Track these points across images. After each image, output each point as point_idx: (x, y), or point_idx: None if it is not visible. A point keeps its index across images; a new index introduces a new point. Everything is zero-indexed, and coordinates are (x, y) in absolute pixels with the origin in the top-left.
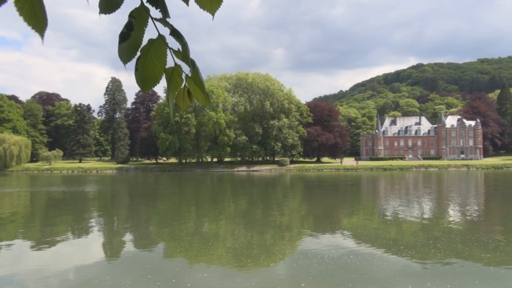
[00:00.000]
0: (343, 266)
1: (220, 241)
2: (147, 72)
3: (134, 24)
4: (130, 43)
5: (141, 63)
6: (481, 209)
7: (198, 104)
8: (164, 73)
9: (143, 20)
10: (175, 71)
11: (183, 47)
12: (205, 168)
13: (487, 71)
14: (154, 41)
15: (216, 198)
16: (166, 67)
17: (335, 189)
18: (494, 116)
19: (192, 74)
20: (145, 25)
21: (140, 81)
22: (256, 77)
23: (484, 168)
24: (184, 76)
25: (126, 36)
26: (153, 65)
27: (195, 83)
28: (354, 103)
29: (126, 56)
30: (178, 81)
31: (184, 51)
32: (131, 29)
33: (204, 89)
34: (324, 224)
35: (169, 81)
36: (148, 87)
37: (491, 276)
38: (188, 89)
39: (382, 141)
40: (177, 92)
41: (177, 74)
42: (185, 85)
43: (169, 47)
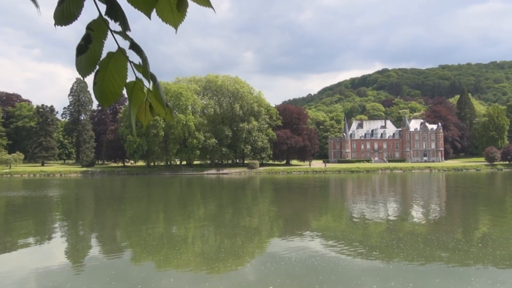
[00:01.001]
0: (310, 267)
1: (189, 245)
2: (107, 87)
3: (93, 36)
4: (88, 56)
5: (99, 77)
6: (443, 209)
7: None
8: (125, 87)
9: (102, 33)
10: (136, 85)
11: (143, 62)
12: (174, 171)
13: (448, 77)
14: (114, 54)
15: (185, 201)
16: (127, 81)
17: (304, 191)
18: (454, 120)
19: (152, 89)
20: (104, 38)
21: (99, 96)
22: (225, 80)
23: (445, 170)
24: (146, 90)
25: (84, 49)
26: (113, 79)
27: (156, 98)
28: (322, 106)
29: (85, 70)
30: (139, 95)
31: (144, 66)
32: (89, 41)
33: (164, 104)
34: (293, 226)
35: (130, 95)
36: (108, 102)
37: (451, 275)
38: (150, 103)
39: (350, 144)
40: (139, 106)
41: (138, 88)
42: (146, 100)
43: (129, 60)
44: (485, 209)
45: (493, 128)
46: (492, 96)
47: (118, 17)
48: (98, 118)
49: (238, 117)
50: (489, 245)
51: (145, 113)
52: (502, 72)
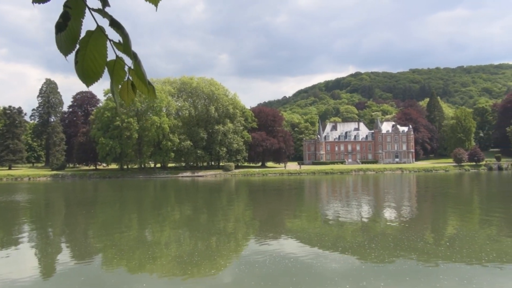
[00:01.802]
0: (284, 269)
1: (163, 249)
2: (88, 66)
3: (70, 14)
4: (68, 34)
5: (80, 56)
6: (413, 210)
7: (141, 108)
8: (106, 66)
9: (79, 11)
10: (117, 64)
11: (124, 39)
12: (148, 174)
13: (418, 80)
14: (93, 32)
15: (159, 205)
16: (108, 60)
17: (279, 193)
18: (424, 123)
19: (134, 67)
20: (82, 16)
21: (81, 75)
22: (201, 82)
23: (416, 171)
24: (127, 68)
25: (63, 26)
26: (94, 58)
27: (137, 76)
28: (297, 109)
29: (66, 48)
30: (121, 74)
31: (125, 42)
32: (67, 19)
33: (146, 83)
34: (268, 229)
35: (112, 74)
36: (90, 81)
37: (420, 273)
38: (132, 82)
39: (324, 146)
40: (121, 85)
41: (119, 67)
42: (128, 78)
43: (109, 39)
44: (454, 209)
45: (461, 130)
46: (460, 100)
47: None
48: (69, 120)
49: (213, 119)
50: (456, 244)
51: (127, 91)
52: (469, 76)
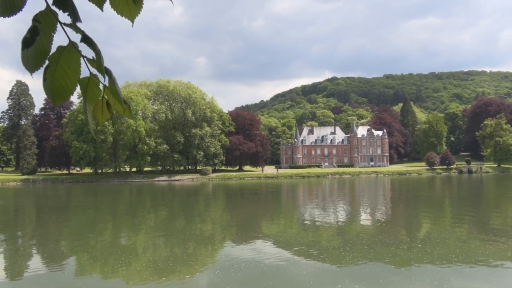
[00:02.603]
0: (260, 273)
1: (139, 255)
2: (59, 83)
3: (40, 29)
4: (36, 49)
5: (50, 73)
6: (387, 212)
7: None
8: (79, 83)
9: (50, 25)
10: (91, 81)
11: (97, 56)
12: (123, 178)
13: (392, 86)
14: (65, 48)
15: (135, 209)
16: (81, 77)
17: (256, 197)
18: (398, 127)
19: (109, 85)
20: (53, 31)
21: (50, 93)
22: (177, 85)
23: (390, 174)
24: (102, 86)
25: (30, 41)
26: (65, 75)
27: (112, 94)
28: (274, 113)
29: (32, 64)
30: (95, 92)
31: (97, 59)
32: (35, 34)
33: (121, 101)
34: (245, 233)
35: (85, 92)
36: (60, 99)
37: (394, 274)
38: (107, 100)
39: (301, 149)
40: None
41: (93, 84)
42: (103, 97)
43: (82, 55)
44: (426, 211)
45: (433, 134)
46: (432, 105)
47: (67, 7)
48: (41, 123)
49: (190, 123)
50: (428, 246)
51: (102, 110)
52: (440, 82)
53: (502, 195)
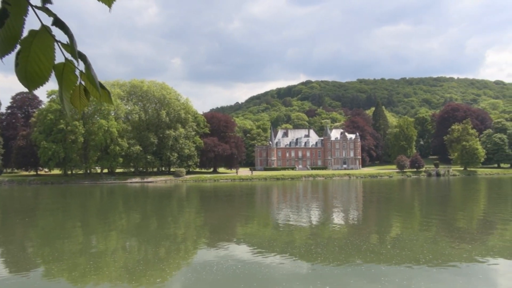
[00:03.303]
0: (232, 275)
1: (110, 258)
2: (32, 69)
3: (9, 11)
4: (5, 32)
5: (23, 58)
6: (359, 214)
7: (87, 111)
8: (54, 69)
9: (20, 8)
10: (67, 67)
11: (70, 40)
12: (94, 180)
13: (365, 90)
14: (37, 32)
15: (106, 212)
16: (56, 62)
17: (231, 199)
18: (370, 131)
19: (85, 71)
20: (24, 14)
21: (23, 79)
22: (151, 85)
23: (362, 177)
24: (78, 72)
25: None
26: (39, 60)
27: (88, 80)
28: (249, 115)
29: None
30: (71, 78)
31: (71, 44)
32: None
33: (98, 87)
34: (218, 235)
35: (61, 79)
36: (34, 85)
37: (364, 275)
38: (84, 87)
39: (275, 152)
40: (72, 91)
41: (69, 70)
42: (80, 83)
43: (56, 40)
44: (396, 213)
45: (403, 138)
46: (402, 109)
47: None
48: (7, 122)
49: (164, 124)
50: (397, 247)
51: (80, 97)
52: (411, 87)
53: (468, 197)
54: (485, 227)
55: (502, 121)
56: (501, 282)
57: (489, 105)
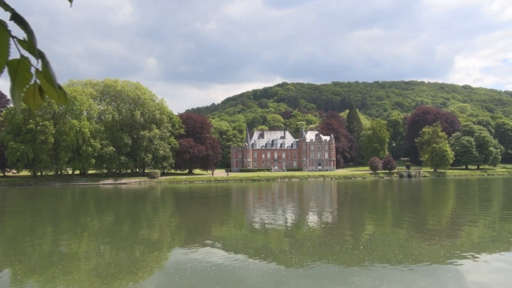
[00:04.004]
0: (206, 277)
1: (81, 262)
2: None
3: None
4: None
5: None
6: (333, 215)
7: (58, 111)
8: (7, 66)
9: None
10: (22, 64)
11: (29, 36)
12: (65, 182)
13: (339, 93)
14: None
15: (77, 214)
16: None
17: (206, 200)
18: (344, 133)
19: (42, 69)
20: None
21: None
22: (125, 85)
23: (337, 178)
24: (34, 70)
25: None
26: None
27: (46, 79)
28: (225, 116)
29: None
30: (26, 76)
31: (30, 40)
32: None
33: (55, 86)
34: (193, 237)
35: (14, 75)
36: None
37: (337, 275)
38: (39, 85)
39: (251, 153)
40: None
41: (24, 68)
42: (35, 81)
43: (12, 35)
44: (369, 214)
45: (376, 140)
46: (376, 112)
47: None
48: None
49: (138, 125)
50: (369, 246)
51: (33, 96)
52: (384, 91)
53: (438, 198)
54: (454, 227)
55: (470, 124)
56: (468, 280)
57: (458, 109)
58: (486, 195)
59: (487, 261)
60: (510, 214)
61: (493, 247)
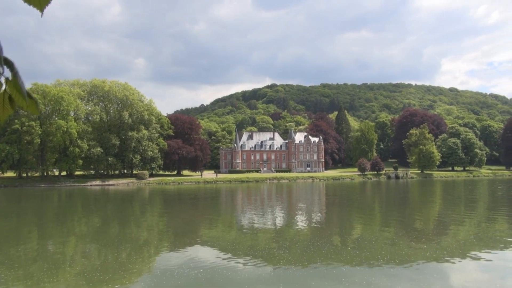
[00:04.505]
0: (193, 280)
1: (68, 264)
2: None
3: None
4: None
5: None
6: (322, 216)
7: (45, 111)
8: None
9: None
10: None
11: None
12: (52, 183)
13: (328, 94)
14: None
15: (64, 216)
16: None
17: (195, 202)
18: (333, 134)
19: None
20: None
21: None
22: (113, 86)
23: (325, 179)
24: (3, 79)
25: None
26: None
27: (15, 88)
28: (214, 117)
29: None
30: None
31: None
32: None
33: (25, 96)
34: (181, 239)
35: None
36: None
37: (325, 276)
38: (9, 95)
39: (240, 154)
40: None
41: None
42: (5, 90)
43: None
44: (357, 215)
45: (364, 142)
46: (364, 114)
47: None
48: None
49: (126, 125)
50: (357, 248)
51: (3, 106)
52: (372, 93)
53: (425, 199)
54: (440, 228)
55: (456, 127)
56: (455, 279)
57: (444, 111)
58: (472, 196)
59: (473, 261)
60: (495, 214)
61: (478, 247)
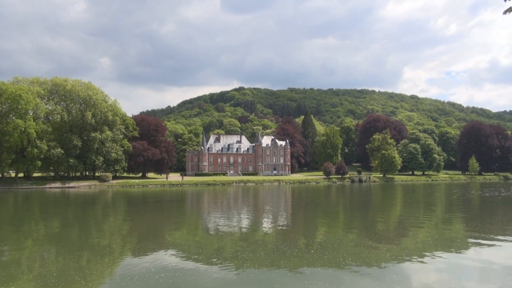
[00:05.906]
0: (154, 285)
1: (24, 270)
2: None
3: None
4: None
5: None
6: (287, 219)
7: (1, 109)
8: None
9: None
10: None
11: None
12: (7, 185)
13: (295, 99)
14: None
15: (20, 220)
16: None
17: (159, 205)
18: (299, 138)
19: None
20: None
21: None
22: (76, 85)
23: (291, 182)
24: None
25: None
26: None
27: None
28: (181, 119)
29: None
30: None
31: None
32: None
33: None
34: (145, 243)
35: None
36: None
37: (289, 279)
38: None
39: (207, 157)
40: None
41: None
42: None
43: None
44: (322, 218)
45: (330, 146)
46: (330, 118)
47: None
48: None
49: (89, 126)
50: (320, 250)
51: None
52: (337, 98)
53: (386, 202)
54: (400, 230)
55: (416, 132)
56: (414, 280)
57: (405, 117)
58: (430, 199)
59: (431, 262)
60: (451, 217)
61: (436, 248)
